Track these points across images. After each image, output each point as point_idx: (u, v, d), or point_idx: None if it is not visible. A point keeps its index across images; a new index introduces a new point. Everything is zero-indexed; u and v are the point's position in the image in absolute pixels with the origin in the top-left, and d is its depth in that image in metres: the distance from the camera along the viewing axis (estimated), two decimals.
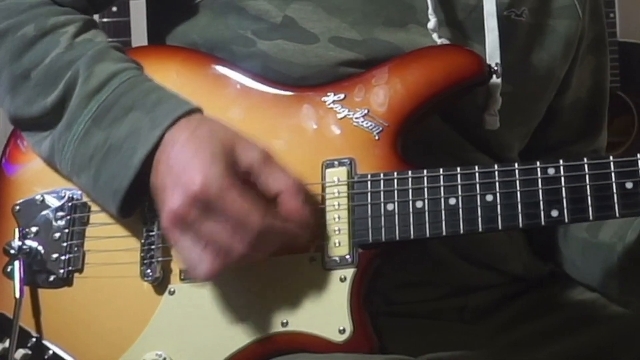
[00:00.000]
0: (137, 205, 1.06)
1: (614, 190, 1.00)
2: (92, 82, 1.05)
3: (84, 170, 1.05)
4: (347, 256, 1.03)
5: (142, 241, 1.07)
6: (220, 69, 1.13)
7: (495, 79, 1.12)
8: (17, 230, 1.10)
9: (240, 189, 0.96)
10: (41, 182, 1.12)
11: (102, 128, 1.03)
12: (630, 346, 1.21)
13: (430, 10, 1.12)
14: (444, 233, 1.03)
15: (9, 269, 1.09)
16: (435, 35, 1.12)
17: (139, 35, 2.19)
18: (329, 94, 1.09)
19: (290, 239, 0.99)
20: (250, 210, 0.95)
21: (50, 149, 1.08)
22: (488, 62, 1.13)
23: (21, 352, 1.07)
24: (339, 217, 1.04)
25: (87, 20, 1.13)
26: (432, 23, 1.12)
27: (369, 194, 1.05)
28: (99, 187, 1.04)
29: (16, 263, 1.08)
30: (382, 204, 1.04)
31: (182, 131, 1.00)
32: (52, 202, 1.11)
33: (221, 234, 0.96)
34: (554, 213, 1.02)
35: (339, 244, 1.04)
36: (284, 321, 1.03)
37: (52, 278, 1.09)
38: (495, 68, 1.12)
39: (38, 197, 1.11)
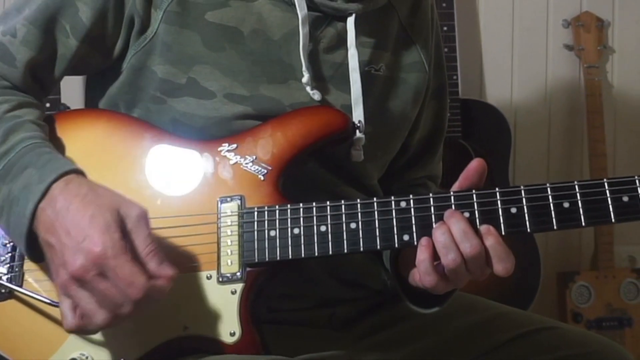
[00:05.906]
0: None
1: None
2: (3, 147, 1.21)
3: (1, 217, 1.20)
4: (238, 273, 1.21)
5: None
6: (137, 127, 1.30)
7: (358, 134, 1.30)
8: None
9: (131, 253, 1.11)
10: None
11: (6, 183, 1.19)
12: (466, 349, 1.39)
13: (303, 68, 1.30)
14: (316, 254, 1.21)
15: None
16: (308, 88, 1.31)
17: (68, 91, 2.40)
18: (223, 144, 1.27)
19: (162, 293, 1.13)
20: (137, 274, 1.10)
21: None
22: (353, 119, 1.30)
23: None
24: (231, 242, 1.22)
25: (22, 101, 1.28)
26: (305, 78, 1.31)
27: (255, 222, 1.23)
28: (12, 230, 1.19)
29: None
30: (266, 231, 1.22)
31: (67, 193, 1.13)
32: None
33: (113, 293, 1.10)
34: (405, 237, 1.20)
35: (231, 263, 1.22)
36: (185, 326, 1.20)
37: None
38: (359, 125, 1.30)
39: None
